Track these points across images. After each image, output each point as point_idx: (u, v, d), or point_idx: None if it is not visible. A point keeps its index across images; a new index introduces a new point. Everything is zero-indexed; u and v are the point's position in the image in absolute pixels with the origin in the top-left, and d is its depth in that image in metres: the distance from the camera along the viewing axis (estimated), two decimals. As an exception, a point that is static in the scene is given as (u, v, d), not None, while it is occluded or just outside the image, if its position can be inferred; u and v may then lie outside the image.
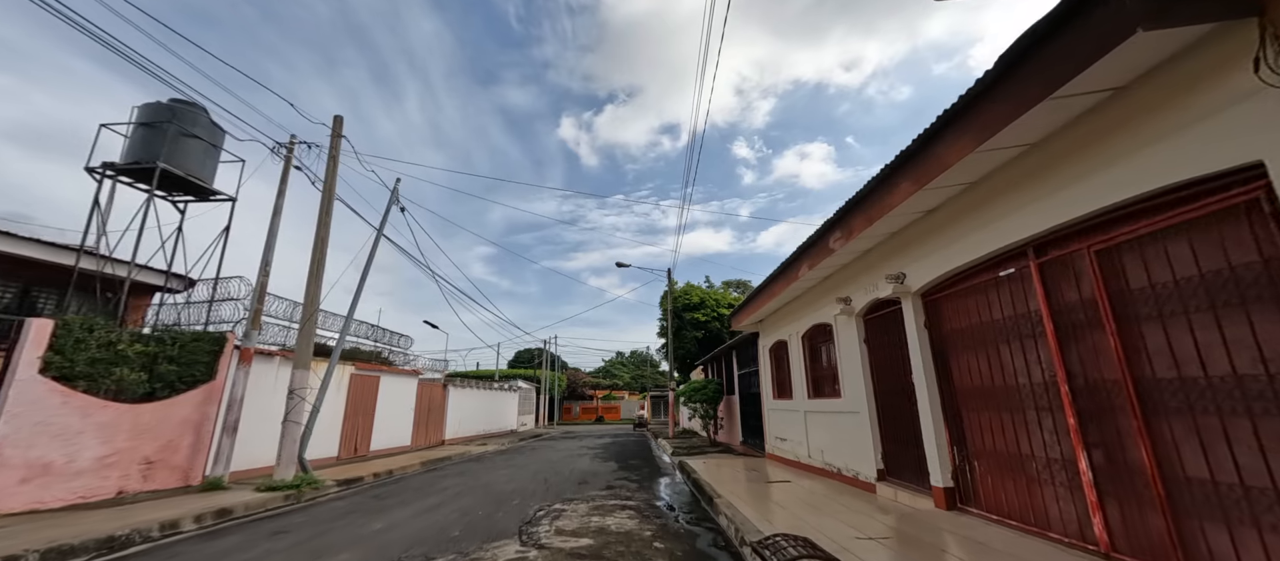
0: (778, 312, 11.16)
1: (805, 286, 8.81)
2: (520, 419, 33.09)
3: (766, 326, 12.27)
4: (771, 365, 11.95)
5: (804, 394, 9.60)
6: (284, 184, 10.39)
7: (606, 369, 66.80)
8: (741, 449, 14.57)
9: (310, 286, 9.53)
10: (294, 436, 8.92)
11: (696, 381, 17.14)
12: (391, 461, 13.07)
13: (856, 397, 7.40)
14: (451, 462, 13.74)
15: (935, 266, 5.50)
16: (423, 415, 18.22)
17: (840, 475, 7.87)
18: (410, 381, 17.35)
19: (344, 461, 13.00)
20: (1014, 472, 4.65)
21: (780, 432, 11.14)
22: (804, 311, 9.56)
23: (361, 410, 14.21)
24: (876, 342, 7.10)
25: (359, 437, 13.99)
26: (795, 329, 10.03)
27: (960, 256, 5.10)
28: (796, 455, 9.88)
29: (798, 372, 9.92)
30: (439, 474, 11.36)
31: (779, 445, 11.12)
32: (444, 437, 20.16)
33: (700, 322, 27.61)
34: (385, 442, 15.36)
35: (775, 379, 11.83)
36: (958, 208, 5.09)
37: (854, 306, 7.40)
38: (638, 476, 10.26)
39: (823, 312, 8.64)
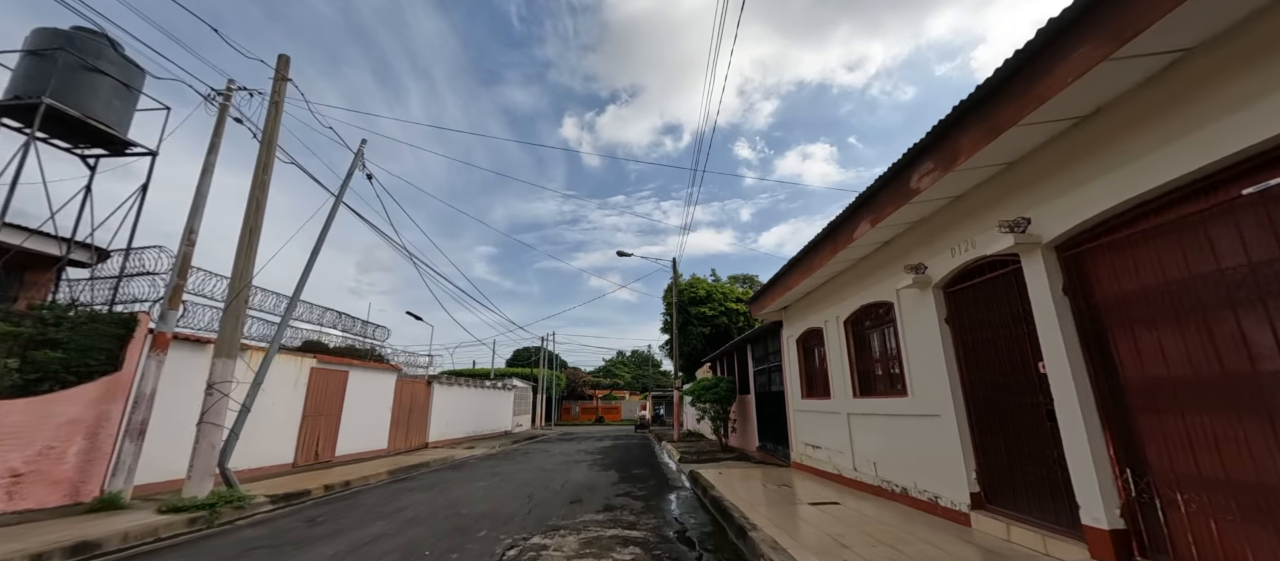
0: (810, 296, 9.35)
1: (854, 255, 7.00)
2: (515, 419, 31.31)
3: (792, 314, 10.46)
4: (799, 359, 10.15)
5: (847, 392, 7.80)
6: (217, 138, 8.61)
7: (607, 368, 65.14)
8: (758, 455, 12.77)
9: (240, 259, 7.74)
10: (213, 442, 7.13)
11: (705, 379, 15.36)
12: (356, 469, 11.28)
13: (933, 396, 5.60)
14: (427, 470, 11.95)
15: (1088, 202, 3.70)
16: (402, 415, 16.43)
17: (907, 497, 6.05)
18: (387, 377, 15.56)
19: (300, 469, 11.21)
20: (1264, 516, 2.84)
21: (811, 438, 9.33)
22: (848, 289, 7.75)
23: (325, 409, 12.42)
24: (968, 321, 5.28)
25: (321, 441, 12.20)
26: (835, 312, 8.22)
27: (1145, 179, 3.29)
28: (836, 467, 8.07)
29: (838, 366, 8.11)
30: (405, 486, 9.56)
31: (809, 453, 9.31)
32: (427, 440, 18.37)
33: (707, 317, 25.82)
34: (355, 446, 13.57)
35: (804, 375, 10.02)
36: (1146, 103, 3.28)
37: (931, 275, 5.59)
38: (642, 491, 8.46)
39: (878, 288, 6.83)
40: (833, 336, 8.34)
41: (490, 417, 26.05)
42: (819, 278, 8.12)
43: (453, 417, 20.80)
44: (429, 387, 18.89)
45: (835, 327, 8.23)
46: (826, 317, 8.56)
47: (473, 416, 23.34)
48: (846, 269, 7.64)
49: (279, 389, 10.89)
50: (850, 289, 7.70)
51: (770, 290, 9.94)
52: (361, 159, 10.54)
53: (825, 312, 8.63)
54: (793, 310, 10.40)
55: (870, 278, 7.07)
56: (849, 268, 7.57)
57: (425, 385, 18.61)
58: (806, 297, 9.51)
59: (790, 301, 10.13)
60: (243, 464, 9.83)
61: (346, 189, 10.03)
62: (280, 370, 10.95)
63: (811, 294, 9.23)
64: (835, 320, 8.24)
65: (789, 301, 10.12)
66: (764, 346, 13.17)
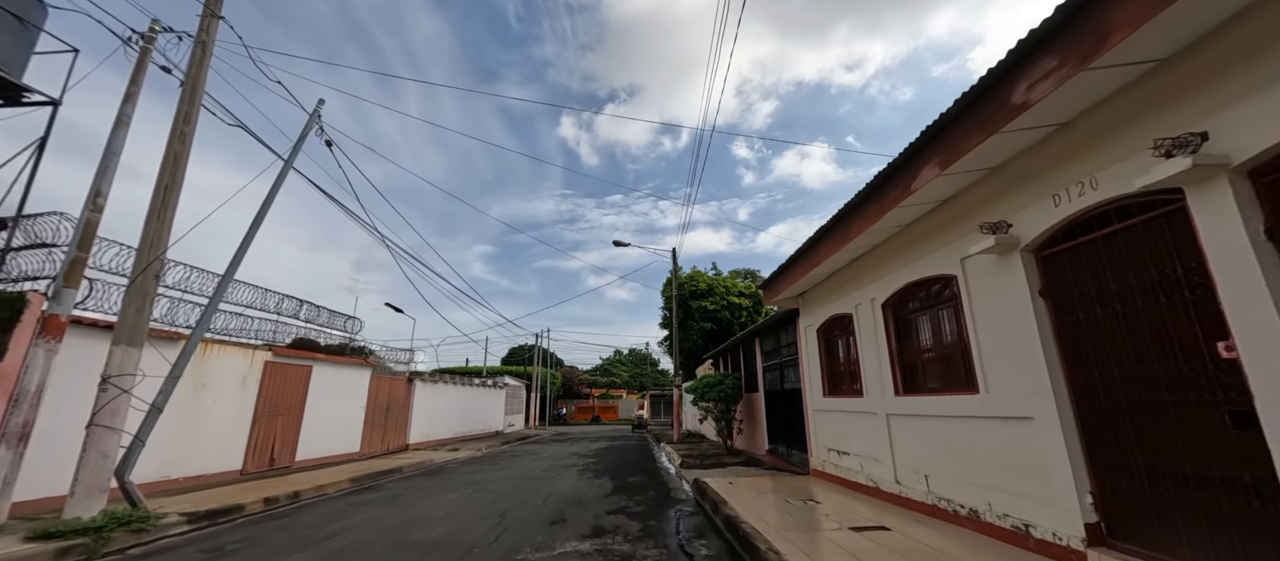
0: (836, 277, 8.03)
1: (902, 218, 5.68)
2: (507, 419, 29.95)
3: (811, 301, 9.15)
4: (820, 352, 8.83)
5: (886, 388, 6.48)
6: (135, 87, 7.23)
7: (604, 367, 63.92)
8: (769, 460, 11.46)
9: (151, 225, 6.36)
10: (105, 449, 5.76)
11: (709, 376, 14.05)
12: (315, 477, 9.92)
13: (1019, 393, 4.28)
14: (397, 477, 10.59)
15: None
16: (377, 415, 15.06)
17: (977, 522, 4.73)
18: (359, 374, 14.18)
19: (250, 477, 9.84)
20: None
21: (837, 442, 8.02)
22: (888, 265, 6.43)
23: (284, 409, 11.05)
24: (1078, 293, 3.95)
25: (278, 444, 10.82)
26: (869, 294, 6.91)
27: None
28: (872, 478, 6.75)
29: (874, 358, 6.80)
30: (361, 499, 8.21)
31: (834, 460, 8.00)
32: (408, 442, 17.00)
33: (708, 312, 24.51)
34: (320, 449, 12.20)
35: (826, 370, 8.71)
36: None
37: (1018, 234, 4.27)
38: (639, 506, 7.14)
39: (932, 259, 5.51)
40: (867, 323, 7.03)
41: (480, 417, 24.70)
42: (852, 251, 6.80)
43: (437, 417, 19.44)
44: (409, 385, 17.51)
45: (870, 313, 6.91)
46: (858, 301, 7.23)
47: (460, 416, 21.98)
48: (889, 238, 6.32)
49: (223, 386, 9.52)
50: (891, 264, 6.38)
51: (788, 272, 8.61)
52: (319, 121, 9.17)
53: (856, 295, 7.31)
54: (813, 296, 9.08)
55: (920, 247, 5.74)
56: (892, 236, 6.24)
57: (405, 382, 17.24)
58: (831, 280, 8.19)
59: (810, 285, 8.81)
60: (173, 473, 8.47)
61: (298, 153, 8.66)
62: (224, 364, 9.59)
63: (839, 274, 7.91)
64: (870, 304, 6.92)
65: (809, 285, 8.80)
66: (775, 339, 11.86)
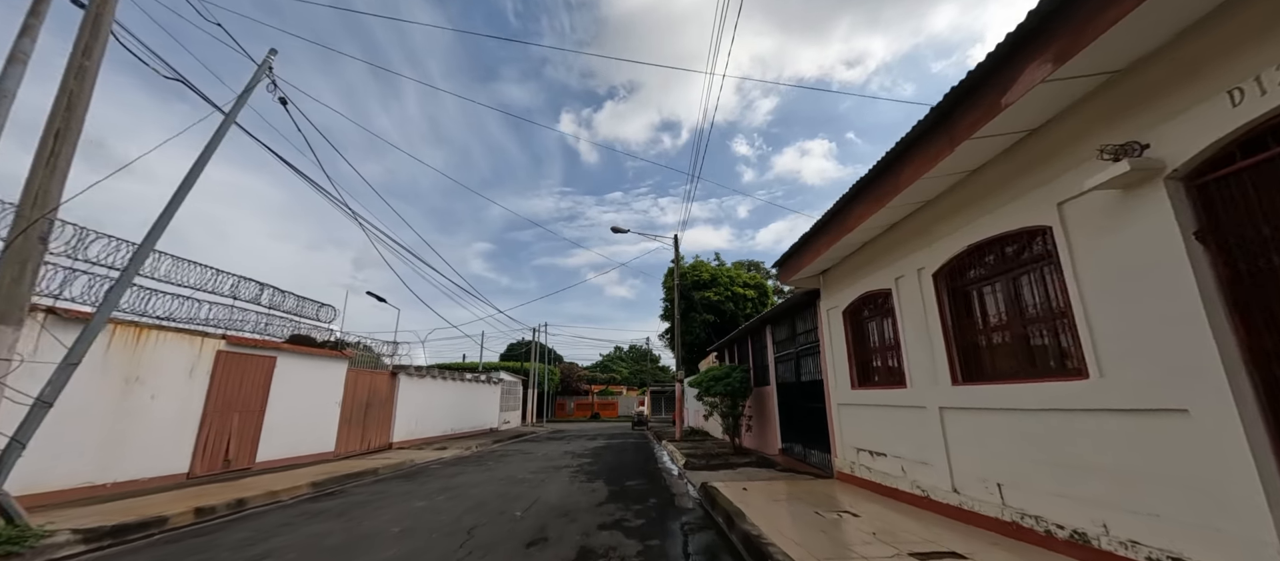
0: (869, 248, 6.85)
1: (969, 161, 4.50)
2: (503, 416, 28.84)
3: (835, 280, 7.98)
4: (847, 337, 7.66)
5: (939, 376, 5.32)
6: (35, 19, 6.02)
7: (604, 363, 62.91)
8: (782, 460, 10.31)
9: (37, 176, 5.17)
10: (-34, 454, 4.59)
11: (714, 368, 12.90)
12: (275, 480, 8.77)
13: (1159, 375, 3.11)
14: (368, 481, 9.44)
15: None
16: (355, 412, 13.90)
17: (1092, 549, 3.55)
18: (334, 366, 13.01)
19: (198, 481, 8.68)
20: None
21: (869, 441, 6.86)
22: (942, 225, 5.26)
23: (241, 405, 9.88)
24: (1259, 234, 2.78)
25: (234, 444, 9.66)
26: (914, 264, 5.74)
27: None
28: (919, 485, 5.58)
29: (922, 341, 5.63)
30: (314, 509, 7.06)
31: (865, 462, 6.83)
32: (391, 440, 15.85)
33: (711, 302, 23.34)
34: (287, 449, 11.04)
35: (854, 358, 7.54)
36: None
37: (1162, 156, 3.08)
38: (639, 517, 5.98)
39: (1011, 208, 4.33)
40: (911, 299, 5.85)
41: (473, 414, 23.56)
42: (893, 211, 5.61)
43: (424, 414, 18.29)
44: (393, 379, 16.35)
45: (915, 286, 5.74)
46: (900, 272, 6.06)
47: (450, 413, 20.83)
48: (946, 191, 5.13)
49: (164, 378, 8.34)
50: (946, 224, 5.20)
51: (810, 244, 7.42)
52: (269, 72, 7.97)
53: (896, 266, 6.13)
54: (838, 273, 7.91)
55: (991, 198, 4.56)
56: (950, 188, 5.06)
57: (388, 376, 16.08)
58: (864, 252, 7.01)
59: (836, 259, 7.63)
60: (100, 479, 7.33)
61: (242, 107, 7.47)
62: (165, 354, 8.41)
63: (873, 244, 6.73)
64: (915, 276, 5.74)
65: (834, 259, 7.63)
66: (790, 325, 10.69)
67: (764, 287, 25.60)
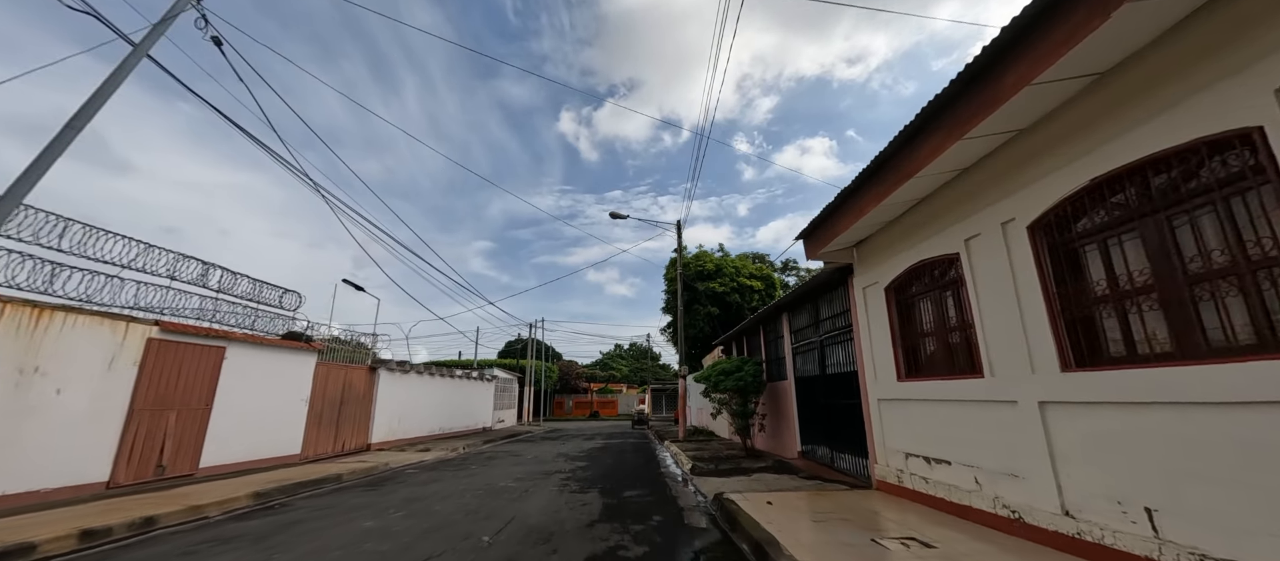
0: (923, 207, 5.54)
1: (1126, 39, 3.18)
2: (497, 415, 27.56)
3: (875, 250, 6.68)
4: (891, 318, 6.35)
5: (1039, 360, 4.01)
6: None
7: (604, 361, 61.71)
8: (802, 464, 9.02)
9: None
10: None
11: (723, 362, 11.60)
12: (215, 489, 7.47)
13: None
14: (326, 490, 8.14)
15: None
16: (327, 410, 12.59)
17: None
18: (299, 360, 11.69)
19: (121, 491, 7.38)
20: None
21: (923, 446, 5.55)
22: (1050, 157, 3.94)
23: (180, 402, 8.57)
24: None
25: (170, 448, 8.35)
26: (996, 217, 4.43)
27: None
28: (1005, 503, 4.27)
29: (1007, 315, 4.32)
30: (242, 528, 5.77)
31: (919, 471, 5.52)
32: (370, 441, 14.55)
33: (716, 294, 22.02)
34: (240, 453, 9.73)
35: (901, 343, 6.22)
36: None
37: None
38: (640, 542, 4.68)
39: (1172, 116, 3.01)
40: (992, 263, 4.54)
41: (464, 413, 22.27)
42: (966, 151, 4.29)
43: (408, 412, 16.99)
44: (373, 375, 15.04)
45: (999, 245, 4.43)
46: (974, 230, 4.75)
47: (438, 411, 19.53)
48: (1059, 109, 3.80)
49: (74, 369, 7.03)
50: (1057, 154, 3.89)
51: (851, 203, 6.07)
52: (196, 3, 6.64)
53: (969, 223, 4.82)
54: (878, 244, 6.60)
55: (1133, 107, 3.24)
56: (1069, 102, 3.73)
57: (367, 372, 14.76)
58: (917, 211, 5.70)
59: (877, 224, 6.31)
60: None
61: (158, 39, 6.15)
62: (76, 341, 7.09)
63: (931, 200, 5.41)
64: (999, 232, 4.43)
65: (875, 224, 6.31)
66: (812, 311, 9.37)
67: (771, 279, 24.27)
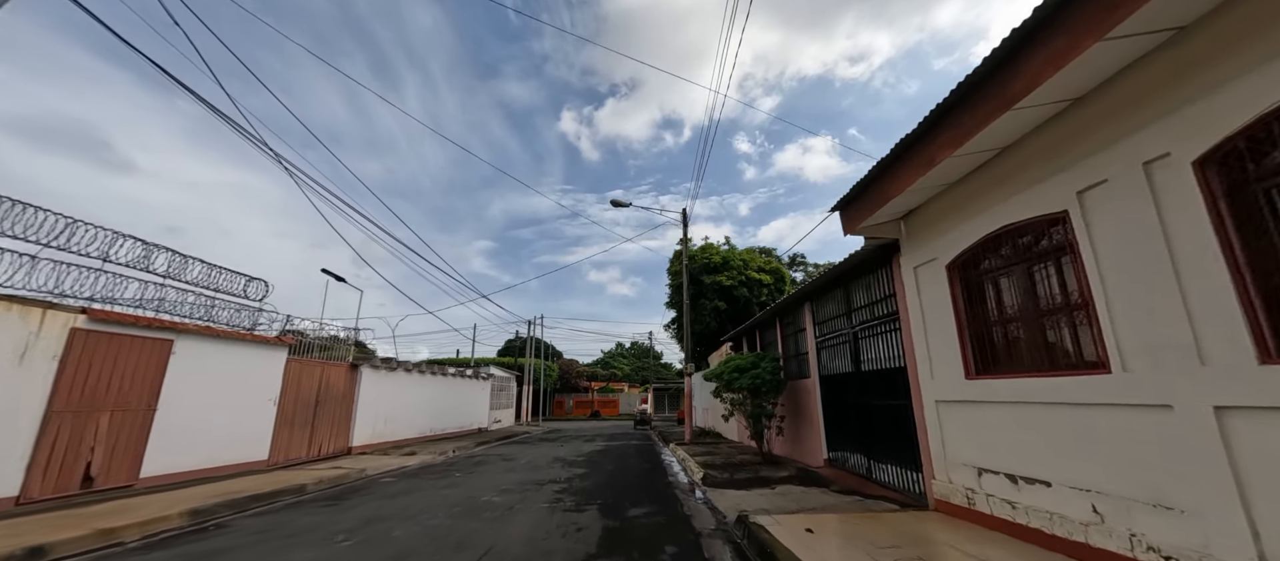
0: (1006, 159, 4.36)
1: None
2: (493, 415, 26.43)
3: (929, 221, 5.51)
4: (955, 303, 5.18)
5: (1212, 352, 2.83)
6: None
7: (605, 360, 60.65)
8: (832, 474, 7.85)
9: None
10: None
11: (736, 358, 10.43)
12: (146, 505, 6.35)
13: None
14: (282, 504, 7.01)
15: None
16: (300, 411, 11.45)
17: None
18: (266, 355, 10.54)
19: (33, 506, 6.25)
20: None
21: (1004, 461, 4.38)
22: (1231, 58, 2.76)
23: (115, 402, 7.44)
24: None
25: (102, 454, 7.22)
26: (1129, 156, 3.25)
27: None
28: (1151, 543, 3.09)
29: (1149, 288, 3.14)
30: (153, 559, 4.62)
31: (998, 492, 4.34)
32: (350, 444, 13.41)
33: (723, 288, 20.83)
34: (193, 460, 8.60)
35: (970, 333, 5.05)
36: None
37: None
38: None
39: None
40: (1125, 220, 3.37)
41: (457, 413, 21.13)
42: (1103, 59, 3.12)
43: (395, 413, 15.85)
44: (354, 373, 13.90)
45: (1140, 191, 3.25)
46: (1091, 178, 3.57)
47: (430, 412, 18.40)
48: None
49: None
50: (1233, 59, 2.72)
51: (910, 158, 4.87)
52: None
53: (1081, 169, 3.64)
54: (935, 212, 5.43)
55: None
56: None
57: (347, 369, 13.62)
58: (994, 165, 4.52)
59: (937, 186, 5.14)
60: None
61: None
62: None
63: (1017, 149, 4.23)
64: (1139, 176, 3.26)
65: (934, 187, 5.14)
66: (841, 299, 8.19)
67: (781, 273, 23.08)
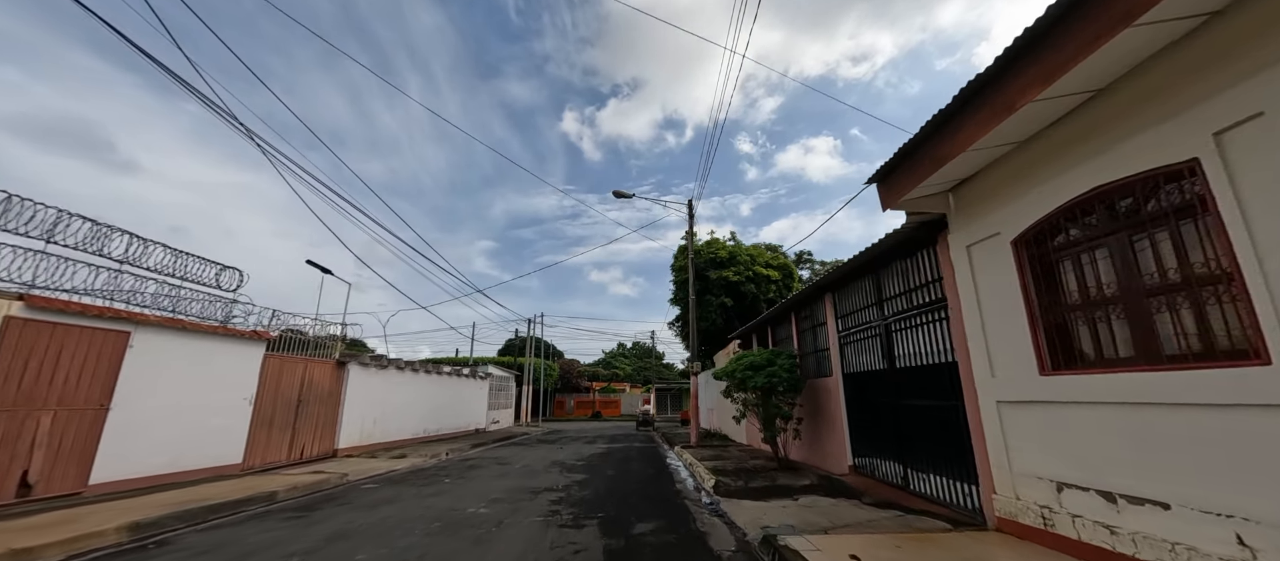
0: (1101, 104, 3.52)
1: None
2: (492, 415, 25.66)
3: (991, 190, 4.68)
4: (1024, 287, 4.35)
5: None
6: None
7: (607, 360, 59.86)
8: (861, 483, 7.03)
9: None
10: None
11: (750, 355, 9.61)
12: (90, 517, 5.57)
13: None
14: (247, 514, 6.21)
15: None
16: (280, 411, 10.66)
17: None
18: (241, 350, 9.75)
19: (-51, 521, 5.45)
20: None
21: (1092, 475, 3.54)
22: None
23: (59, 399, 6.66)
24: None
25: (43, 459, 6.43)
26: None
27: None
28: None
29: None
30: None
31: (1086, 511, 3.50)
32: (337, 446, 12.62)
33: (729, 283, 19.99)
34: (155, 464, 7.82)
35: (1041, 321, 4.22)
36: None
37: None
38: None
39: None
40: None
41: (453, 414, 20.35)
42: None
43: (387, 413, 15.07)
44: (340, 370, 13.11)
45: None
46: (1247, 110, 2.74)
47: (423, 412, 17.62)
48: None
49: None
50: None
51: (978, 107, 4.05)
52: None
53: (1226, 101, 2.81)
54: (992, 180, 4.60)
55: None
56: None
57: (333, 366, 12.83)
58: (1077, 118, 3.69)
59: (1001, 144, 4.30)
60: None
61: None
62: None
63: (1107, 94, 3.40)
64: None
65: (995, 148, 4.30)
66: (869, 288, 7.35)
67: (789, 269, 22.24)
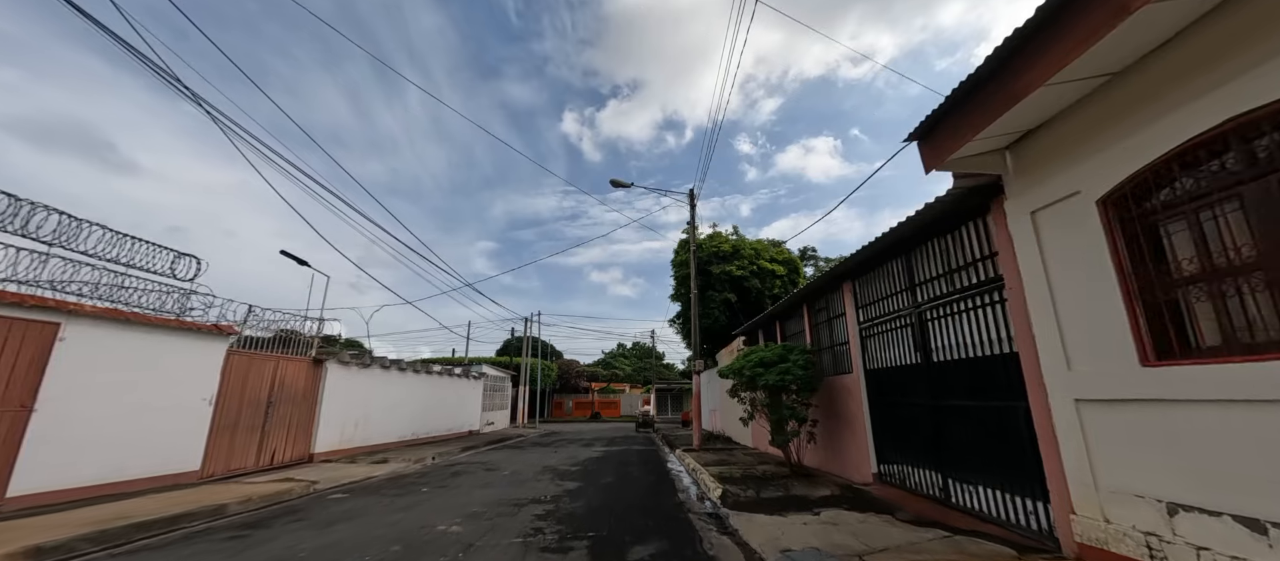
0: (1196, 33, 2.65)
1: None
2: (486, 417, 24.80)
3: (1057, 146, 3.80)
4: (1116, 259, 3.47)
5: None
6: None
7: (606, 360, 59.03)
8: (885, 493, 6.16)
9: None
10: None
11: (760, 351, 8.74)
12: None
13: None
14: (181, 533, 5.34)
15: None
16: (245, 413, 9.78)
17: None
18: (198, 346, 8.87)
19: None
20: None
21: (1226, 499, 2.62)
22: None
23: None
24: None
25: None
26: None
27: None
28: None
29: None
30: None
31: (1211, 541, 2.62)
32: (312, 450, 11.74)
33: (733, 278, 19.11)
34: (89, 473, 6.95)
35: (1141, 301, 3.33)
36: None
37: None
38: None
39: None
40: None
41: (444, 415, 19.46)
42: None
43: (370, 415, 14.18)
44: (318, 369, 12.23)
45: None
46: None
47: (411, 413, 16.74)
48: None
49: None
50: None
51: (1068, 13, 3.18)
52: None
53: None
54: (1064, 132, 3.74)
55: None
56: None
57: (310, 365, 11.95)
58: (1207, 30, 2.82)
59: (1088, 79, 3.43)
60: None
61: None
62: None
63: (1218, 15, 2.53)
64: None
65: (1079, 85, 3.43)
66: (898, 273, 6.47)
67: (795, 264, 21.35)
